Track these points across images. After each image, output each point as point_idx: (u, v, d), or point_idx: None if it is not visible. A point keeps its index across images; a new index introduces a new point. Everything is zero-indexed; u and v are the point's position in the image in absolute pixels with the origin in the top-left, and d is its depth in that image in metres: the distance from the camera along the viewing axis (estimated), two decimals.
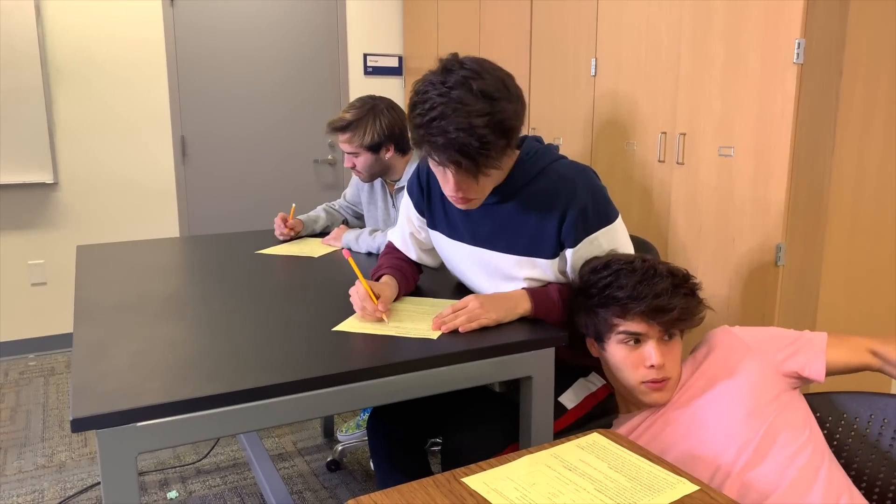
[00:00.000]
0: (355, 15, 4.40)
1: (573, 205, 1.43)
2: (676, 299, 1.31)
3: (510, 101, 1.33)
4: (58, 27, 3.63)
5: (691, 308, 1.33)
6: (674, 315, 1.30)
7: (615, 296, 1.32)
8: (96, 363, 1.22)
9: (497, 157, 1.33)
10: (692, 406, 1.31)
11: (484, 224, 1.54)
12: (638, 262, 1.36)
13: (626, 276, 1.33)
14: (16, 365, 3.67)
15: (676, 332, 1.35)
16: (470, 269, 1.62)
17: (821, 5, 2.05)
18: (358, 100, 2.22)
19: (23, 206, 3.69)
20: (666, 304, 1.29)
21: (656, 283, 1.31)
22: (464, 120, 1.27)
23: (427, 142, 1.32)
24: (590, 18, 2.86)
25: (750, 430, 1.23)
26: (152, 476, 2.53)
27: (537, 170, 1.48)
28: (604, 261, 1.39)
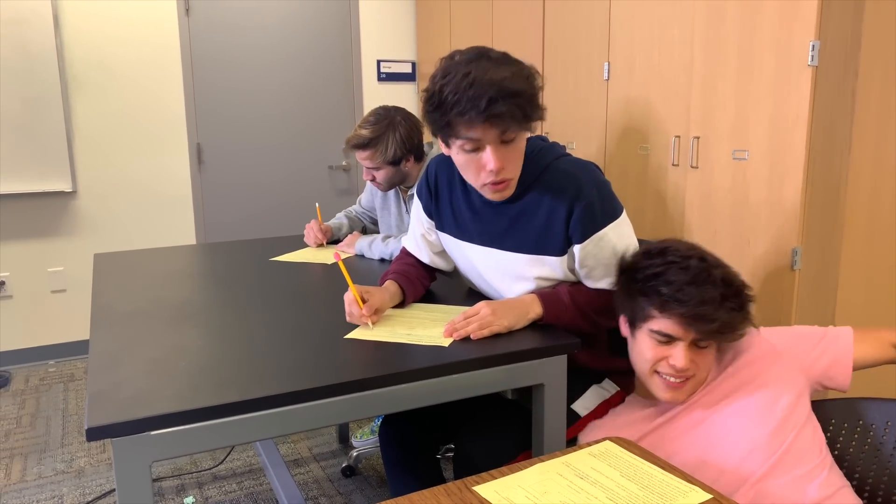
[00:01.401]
0: (368, 21, 4.42)
1: (579, 201, 1.42)
2: (721, 312, 1.23)
3: (524, 64, 1.37)
4: (76, 37, 3.68)
5: (734, 323, 1.26)
6: (713, 327, 1.23)
7: (659, 290, 1.26)
8: (112, 371, 1.23)
9: (538, 107, 1.35)
10: (716, 409, 1.29)
11: (491, 223, 1.54)
12: (694, 260, 1.27)
13: (676, 273, 1.25)
14: (36, 371, 3.72)
15: (712, 341, 1.29)
16: (479, 270, 1.62)
17: (835, 6, 2.03)
18: (372, 114, 2.21)
19: (42, 215, 3.74)
20: (708, 314, 1.22)
21: (706, 290, 1.23)
22: (498, 75, 1.29)
23: (469, 110, 1.28)
24: (602, 22, 2.86)
25: (772, 443, 1.21)
26: (169, 482, 2.55)
27: (541, 167, 1.48)
28: (660, 247, 1.32)
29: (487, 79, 1.28)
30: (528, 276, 1.52)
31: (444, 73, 1.33)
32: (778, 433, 1.23)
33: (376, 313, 1.49)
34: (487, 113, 1.28)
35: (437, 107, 1.34)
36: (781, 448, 1.22)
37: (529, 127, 1.37)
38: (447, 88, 1.31)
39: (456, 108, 1.30)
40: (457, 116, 1.31)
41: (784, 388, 1.27)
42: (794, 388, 1.28)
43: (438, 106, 1.33)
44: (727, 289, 1.26)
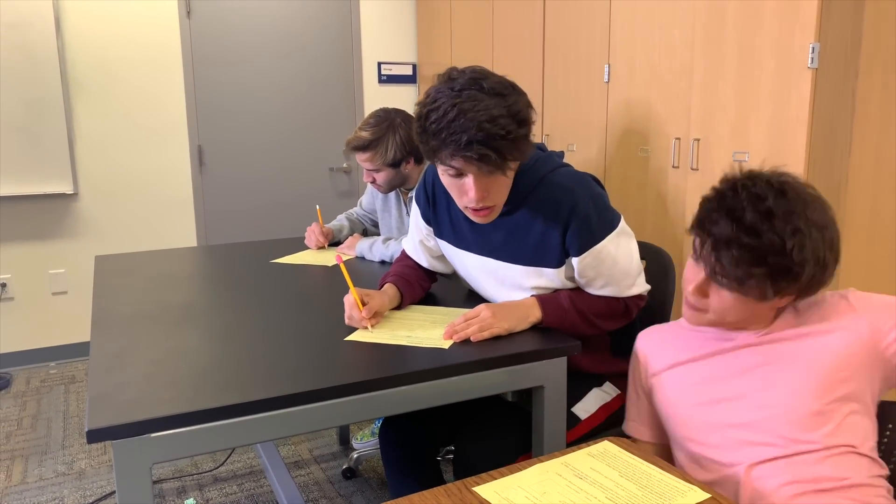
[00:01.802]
0: (369, 23, 4.43)
1: (575, 214, 1.42)
2: (732, 253, 1.12)
3: (519, 95, 1.35)
4: (77, 39, 3.69)
5: (746, 276, 1.13)
6: (720, 268, 1.13)
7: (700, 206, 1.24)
8: (112, 373, 1.23)
9: (520, 148, 1.33)
10: (772, 363, 1.19)
11: (489, 234, 1.54)
12: (761, 201, 1.14)
13: (722, 199, 1.18)
14: (37, 373, 3.72)
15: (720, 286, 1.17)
16: (479, 278, 1.63)
17: (835, 8, 2.03)
18: (373, 116, 2.21)
19: (44, 217, 3.75)
20: (720, 250, 1.13)
21: (728, 223, 1.13)
22: (484, 113, 1.27)
23: (449, 143, 1.29)
24: (602, 25, 2.86)
25: (812, 422, 1.13)
26: (170, 483, 2.55)
27: (537, 180, 1.47)
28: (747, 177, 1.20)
29: (471, 116, 1.27)
30: (525, 286, 1.53)
31: (434, 99, 1.33)
32: (821, 415, 1.13)
33: (375, 316, 1.50)
34: (465, 153, 1.29)
35: (422, 131, 1.35)
36: (820, 431, 1.12)
37: (513, 163, 1.36)
38: (433, 116, 1.31)
39: (437, 139, 1.31)
40: (439, 145, 1.32)
41: (848, 367, 1.15)
42: (861, 370, 1.15)
43: (423, 131, 1.34)
44: (758, 231, 1.10)
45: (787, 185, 1.14)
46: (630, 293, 1.51)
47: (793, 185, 1.15)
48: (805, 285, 1.14)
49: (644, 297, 1.56)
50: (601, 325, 1.51)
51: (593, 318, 1.49)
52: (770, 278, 1.10)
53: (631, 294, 1.51)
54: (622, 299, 1.52)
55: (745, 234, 1.09)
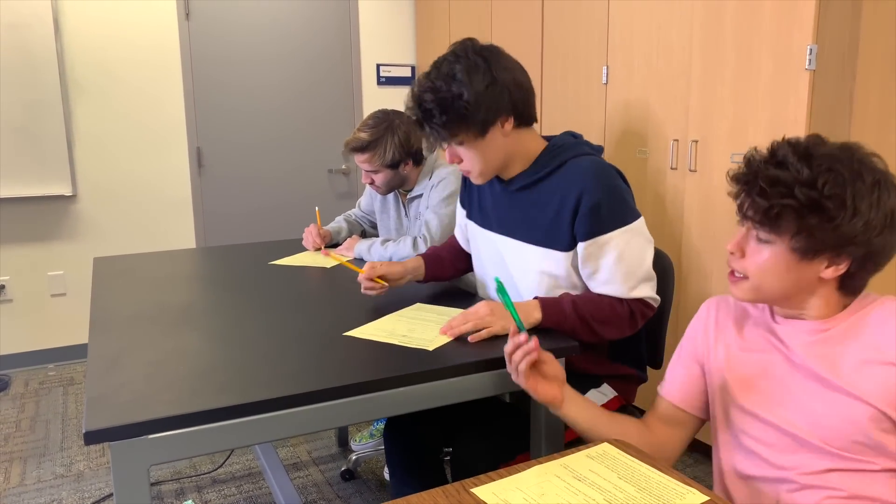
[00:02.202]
0: (368, 25, 4.44)
1: (586, 199, 1.44)
2: (785, 198, 1.04)
3: (471, 84, 1.42)
4: (76, 41, 3.69)
5: (806, 227, 1.04)
6: (764, 209, 1.06)
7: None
8: (110, 374, 1.23)
9: (452, 131, 1.46)
10: (822, 370, 1.09)
11: (508, 212, 1.60)
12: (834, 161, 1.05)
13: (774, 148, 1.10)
14: (36, 375, 3.72)
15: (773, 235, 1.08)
16: (490, 261, 1.67)
17: (833, 11, 2.04)
18: (371, 117, 2.22)
19: (42, 218, 3.74)
20: (766, 191, 1.05)
21: (782, 170, 1.05)
22: (422, 94, 1.46)
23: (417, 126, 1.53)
24: (601, 26, 2.86)
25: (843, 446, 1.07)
26: (168, 485, 2.55)
27: (560, 161, 1.52)
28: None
29: (416, 95, 1.48)
30: (534, 268, 1.54)
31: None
32: (881, 438, 1.05)
33: (384, 278, 1.65)
34: (419, 128, 1.51)
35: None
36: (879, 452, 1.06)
37: (468, 134, 1.46)
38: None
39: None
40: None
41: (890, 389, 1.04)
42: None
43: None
44: (787, 164, 1.03)
45: (841, 145, 1.06)
46: (633, 295, 1.48)
47: (850, 147, 1.06)
48: (847, 240, 1.03)
49: (651, 307, 1.52)
50: (602, 332, 1.48)
51: (595, 325, 1.47)
52: (797, 213, 1.02)
53: (634, 296, 1.48)
54: (626, 303, 1.48)
55: (775, 166, 1.04)
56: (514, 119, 1.49)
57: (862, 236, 1.03)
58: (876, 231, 1.03)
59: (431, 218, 2.14)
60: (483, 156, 1.50)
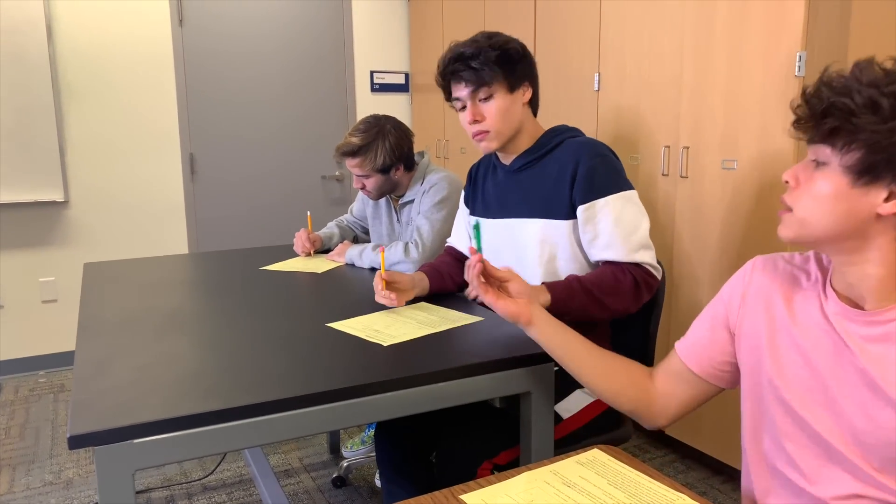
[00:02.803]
0: (362, 32, 4.44)
1: (582, 164, 1.55)
2: (836, 115, 0.92)
3: (515, 43, 1.63)
4: (69, 47, 3.69)
5: (874, 141, 0.90)
6: (825, 129, 0.94)
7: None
8: (97, 379, 1.22)
9: (495, 68, 1.57)
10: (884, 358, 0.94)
11: (509, 194, 1.69)
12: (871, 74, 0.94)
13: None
14: (26, 382, 3.70)
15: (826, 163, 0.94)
16: (495, 249, 1.71)
17: (822, 18, 2.05)
18: (363, 122, 2.22)
19: (34, 224, 3.73)
20: (816, 108, 0.95)
21: (834, 87, 0.95)
22: (461, 46, 1.60)
23: (441, 75, 1.63)
24: (593, 34, 2.88)
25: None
26: (158, 493, 2.53)
27: (558, 140, 1.64)
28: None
29: (451, 48, 1.61)
30: (534, 240, 1.61)
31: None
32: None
33: (396, 291, 1.68)
34: (448, 72, 1.61)
35: (438, 81, 1.67)
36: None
37: (504, 82, 1.59)
38: (439, 62, 1.65)
39: (439, 73, 1.65)
40: (444, 82, 1.64)
41: None
42: None
43: (438, 80, 1.67)
44: (848, 87, 0.91)
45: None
46: (634, 259, 1.53)
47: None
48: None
49: (654, 277, 1.57)
50: (610, 303, 1.50)
51: (602, 296, 1.49)
52: (852, 115, 0.89)
53: (635, 260, 1.53)
54: (628, 271, 1.52)
55: (835, 80, 0.93)
56: (532, 95, 1.65)
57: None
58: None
59: (423, 223, 2.14)
60: (505, 114, 1.61)
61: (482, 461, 1.47)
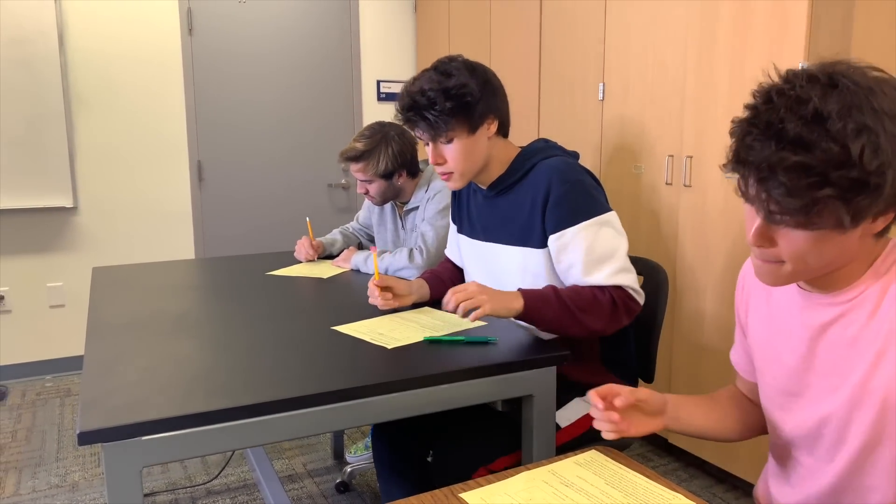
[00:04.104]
0: (369, 42, 4.49)
1: (553, 194, 1.51)
2: (786, 180, 0.84)
3: (472, 83, 1.52)
4: (80, 56, 3.74)
5: (811, 208, 0.85)
6: (773, 201, 0.87)
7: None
8: (105, 379, 1.25)
9: (449, 123, 1.51)
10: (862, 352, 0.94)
11: (490, 218, 1.66)
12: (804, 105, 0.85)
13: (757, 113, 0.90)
14: (33, 386, 3.72)
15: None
16: (479, 270, 1.71)
17: (823, 27, 2.07)
18: (367, 128, 2.26)
19: (43, 230, 3.77)
20: (766, 179, 0.86)
21: (768, 145, 0.86)
22: (415, 88, 1.53)
23: (400, 114, 1.58)
24: (597, 45, 2.90)
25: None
26: (163, 496, 2.55)
27: (532, 163, 1.58)
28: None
29: (408, 89, 1.55)
30: (516, 268, 1.59)
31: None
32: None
33: (390, 293, 1.69)
34: (403, 120, 1.57)
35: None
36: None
37: (463, 128, 1.53)
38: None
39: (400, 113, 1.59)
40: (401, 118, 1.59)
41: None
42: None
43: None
44: (807, 143, 0.81)
45: (838, 75, 0.85)
46: (611, 282, 1.48)
47: (847, 72, 0.86)
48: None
49: (635, 301, 1.51)
50: (585, 321, 1.46)
51: (577, 313, 1.45)
52: (842, 200, 0.82)
53: (612, 283, 1.48)
54: (607, 291, 1.48)
55: (793, 151, 0.82)
56: (498, 124, 1.58)
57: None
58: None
59: (427, 230, 2.16)
60: (468, 155, 1.56)
61: (478, 467, 1.49)
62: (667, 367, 2.66)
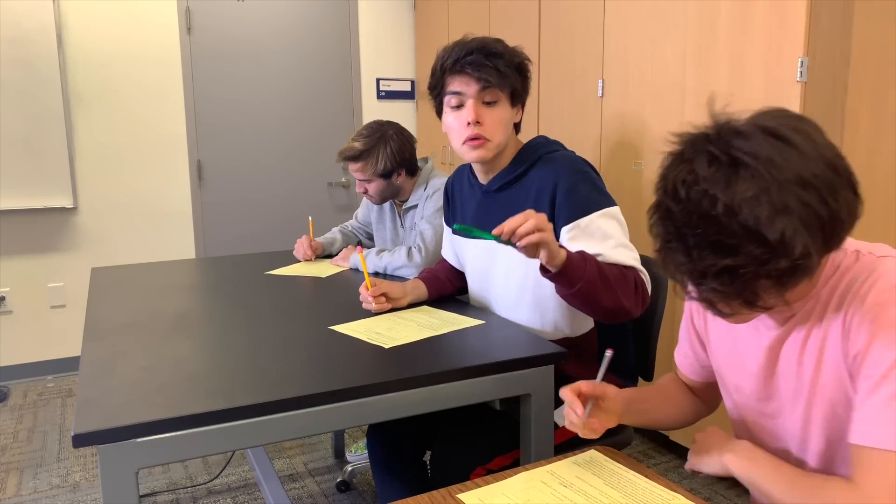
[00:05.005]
0: (368, 40, 4.48)
1: (562, 186, 1.49)
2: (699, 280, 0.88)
3: (524, 57, 1.58)
4: (79, 56, 3.73)
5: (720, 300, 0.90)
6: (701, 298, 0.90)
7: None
8: (102, 380, 1.24)
9: (517, 76, 1.53)
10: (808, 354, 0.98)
11: (489, 215, 1.63)
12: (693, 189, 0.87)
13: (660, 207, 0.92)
14: (34, 386, 3.73)
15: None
16: (481, 267, 1.69)
17: (824, 23, 2.06)
18: (366, 127, 2.25)
19: (43, 230, 3.77)
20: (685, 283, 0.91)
21: (676, 251, 0.90)
22: (482, 40, 1.53)
23: (452, 63, 1.51)
24: (596, 41, 2.89)
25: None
26: (164, 496, 2.55)
27: (536, 157, 1.58)
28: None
29: (472, 40, 1.52)
30: (520, 264, 1.56)
31: (453, 43, 1.56)
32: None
33: (384, 297, 1.66)
34: (465, 61, 1.49)
35: (433, 72, 1.57)
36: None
37: (511, 93, 1.53)
38: (441, 53, 1.55)
39: (443, 62, 1.53)
40: (444, 73, 1.53)
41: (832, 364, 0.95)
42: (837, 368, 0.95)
43: (433, 71, 1.56)
44: (713, 258, 0.82)
45: (737, 150, 0.84)
46: (629, 263, 1.44)
47: (747, 137, 0.85)
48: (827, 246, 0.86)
49: (647, 290, 1.47)
50: (619, 292, 1.39)
51: (612, 280, 1.38)
52: (778, 285, 0.84)
53: (630, 264, 1.43)
54: (631, 271, 1.43)
55: (717, 257, 0.82)
56: (520, 114, 1.62)
57: (836, 232, 0.86)
58: (843, 212, 0.86)
59: (426, 228, 2.16)
60: (504, 125, 1.55)
61: (476, 466, 1.48)
62: (666, 366, 2.65)
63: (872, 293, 0.90)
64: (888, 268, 0.91)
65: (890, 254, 0.95)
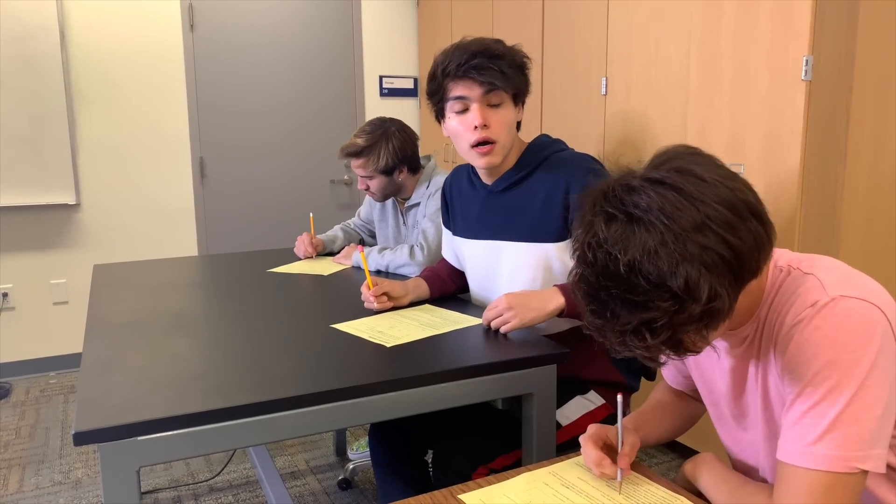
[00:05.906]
0: (371, 37, 4.47)
1: (575, 183, 1.49)
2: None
3: (523, 56, 1.57)
4: (82, 53, 3.73)
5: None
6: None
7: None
8: (103, 378, 1.24)
9: (520, 77, 1.53)
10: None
11: (494, 216, 1.62)
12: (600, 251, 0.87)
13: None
14: (37, 383, 3.73)
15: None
16: (483, 267, 1.68)
17: (828, 21, 2.05)
18: (368, 123, 2.25)
19: (46, 227, 3.77)
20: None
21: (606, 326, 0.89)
22: (483, 42, 1.52)
23: (455, 67, 1.49)
24: (600, 39, 2.88)
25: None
26: (166, 493, 2.55)
27: (542, 157, 1.57)
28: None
29: (471, 42, 1.51)
30: (526, 265, 1.55)
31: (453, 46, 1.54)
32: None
33: (386, 296, 1.66)
34: (468, 65, 1.47)
35: (432, 78, 1.54)
36: None
37: (514, 94, 1.53)
38: (440, 58, 1.53)
39: (443, 67, 1.50)
40: (446, 78, 1.51)
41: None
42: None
43: (433, 77, 1.54)
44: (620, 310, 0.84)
45: (631, 206, 0.84)
46: None
47: (640, 190, 0.85)
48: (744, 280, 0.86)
49: None
50: None
51: None
52: (702, 329, 0.84)
53: None
54: None
55: (631, 314, 0.83)
56: (522, 112, 1.61)
57: (746, 268, 0.85)
58: (748, 247, 0.84)
59: (428, 226, 2.15)
60: (510, 126, 1.55)
61: (478, 466, 1.48)
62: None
63: (790, 314, 0.91)
64: (808, 286, 0.91)
65: (816, 267, 0.94)
